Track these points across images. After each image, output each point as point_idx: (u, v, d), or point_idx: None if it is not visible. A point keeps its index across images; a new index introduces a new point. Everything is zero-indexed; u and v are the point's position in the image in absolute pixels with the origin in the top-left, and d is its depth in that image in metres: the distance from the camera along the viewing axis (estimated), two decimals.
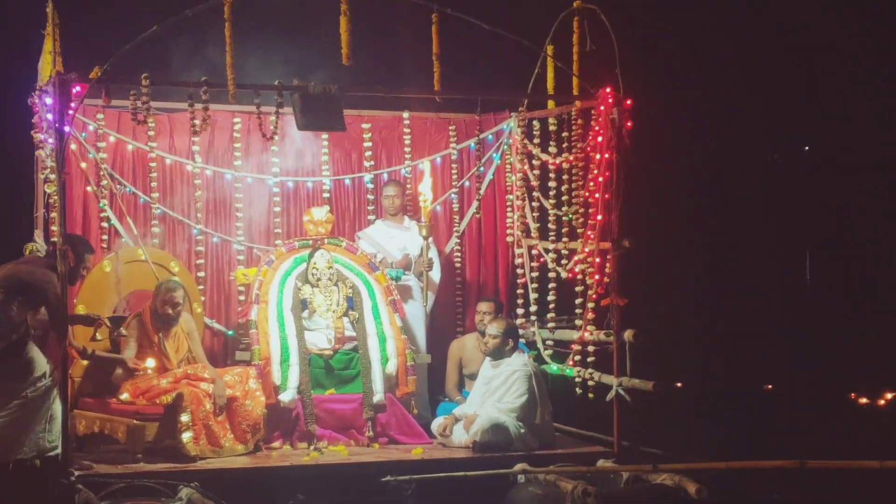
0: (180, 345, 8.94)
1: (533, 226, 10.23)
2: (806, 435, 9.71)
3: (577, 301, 9.50)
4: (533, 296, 10.21)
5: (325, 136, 10.24)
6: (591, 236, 9.14)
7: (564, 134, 9.59)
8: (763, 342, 12.50)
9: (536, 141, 10.05)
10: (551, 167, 9.83)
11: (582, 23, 9.09)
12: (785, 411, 10.99)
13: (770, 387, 12.27)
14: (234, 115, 10.01)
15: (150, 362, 8.72)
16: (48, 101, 8.07)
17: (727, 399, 11.40)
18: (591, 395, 9.22)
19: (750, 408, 11.17)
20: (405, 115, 10.56)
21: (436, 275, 10.17)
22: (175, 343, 8.90)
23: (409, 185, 10.44)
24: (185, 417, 8.33)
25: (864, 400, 11.87)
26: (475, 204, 10.51)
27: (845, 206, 12.86)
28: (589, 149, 9.20)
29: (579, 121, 9.36)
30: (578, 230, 9.44)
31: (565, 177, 9.68)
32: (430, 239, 9.96)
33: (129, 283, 9.20)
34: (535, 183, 10.14)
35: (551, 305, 9.97)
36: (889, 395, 11.79)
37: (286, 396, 9.06)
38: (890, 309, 12.26)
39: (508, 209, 10.62)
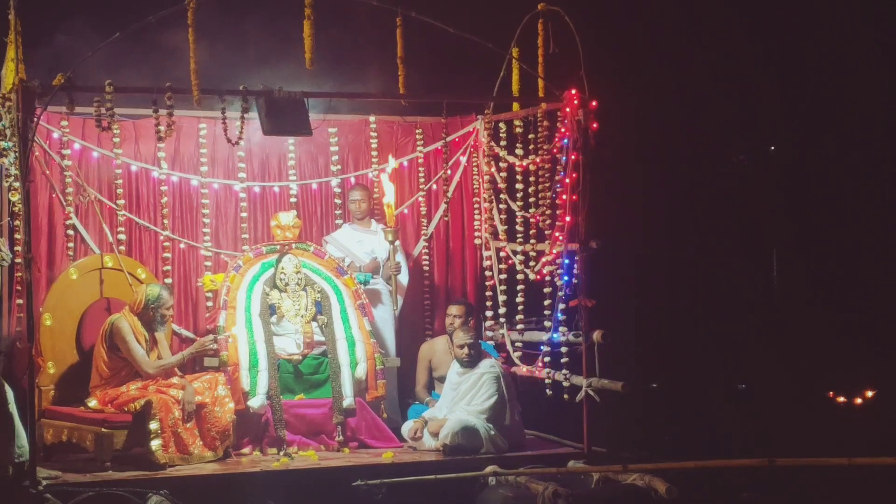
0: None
1: (501, 228, 10.24)
2: (780, 434, 9.75)
3: (546, 303, 9.51)
4: (501, 298, 10.21)
5: (291, 140, 10.21)
6: (559, 238, 9.16)
7: (531, 136, 9.61)
8: (734, 341, 12.53)
9: (503, 143, 10.06)
10: (518, 169, 9.84)
11: (546, 25, 9.13)
12: (759, 410, 11.01)
13: (743, 386, 12.29)
14: (199, 121, 9.96)
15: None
16: None
17: (698, 398, 11.41)
18: (565, 397, 9.21)
19: (722, 407, 11.19)
20: (371, 118, 10.54)
21: (404, 278, 10.16)
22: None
23: (375, 189, 10.43)
24: (153, 425, 8.28)
25: (841, 399, 11.90)
26: (443, 206, 10.51)
27: (811, 205, 12.92)
28: (555, 150, 9.23)
29: (545, 123, 9.38)
30: (546, 232, 9.46)
31: (532, 179, 9.69)
32: (398, 243, 9.96)
33: (102, 291, 9.22)
34: (502, 185, 10.15)
35: (520, 307, 9.98)
36: (869, 394, 11.81)
37: (255, 402, 9.03)
38: (859, 308, 12.31)
39: (476, 212, 10.63)
